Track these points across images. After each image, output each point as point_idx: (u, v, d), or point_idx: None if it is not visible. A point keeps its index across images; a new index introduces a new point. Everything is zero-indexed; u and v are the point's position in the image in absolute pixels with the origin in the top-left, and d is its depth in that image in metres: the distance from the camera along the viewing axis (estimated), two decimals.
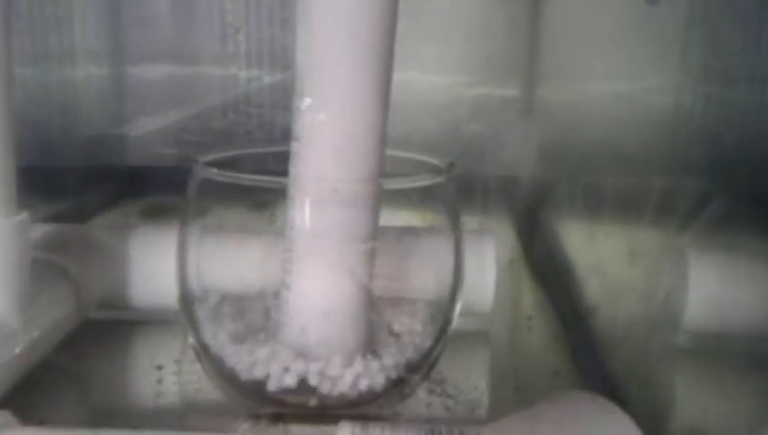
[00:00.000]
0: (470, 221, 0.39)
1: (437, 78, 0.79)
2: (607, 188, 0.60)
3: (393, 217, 0.35)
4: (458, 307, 0.37)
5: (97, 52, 0.76)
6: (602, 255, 0.54)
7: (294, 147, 0.33)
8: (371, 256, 0.34)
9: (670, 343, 0.44)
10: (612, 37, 0.62)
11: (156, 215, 0.62)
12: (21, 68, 0.69)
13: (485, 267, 0.45)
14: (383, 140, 0.33)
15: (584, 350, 0.45)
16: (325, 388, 0.34)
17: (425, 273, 0.38)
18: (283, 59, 0.76)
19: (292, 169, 0.34)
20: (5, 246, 0.34)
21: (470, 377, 0.41)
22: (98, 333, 0.44)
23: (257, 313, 0.36)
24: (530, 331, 0.48)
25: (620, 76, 0.63)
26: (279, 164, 0.35)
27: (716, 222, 0.41)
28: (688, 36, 0.58)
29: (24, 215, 0.35)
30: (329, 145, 0.32)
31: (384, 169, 0.34)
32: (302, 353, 0.34)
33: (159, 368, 0.40)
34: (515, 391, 0.40)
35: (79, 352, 0.42)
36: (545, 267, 0.57)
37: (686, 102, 0.61)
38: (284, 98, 0.74)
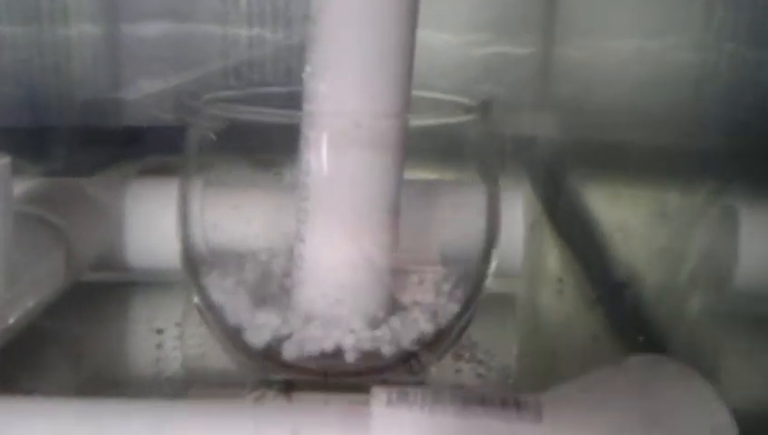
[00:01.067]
0: None
1: (449, 36, 0.76)
2: (628, 149, 0.57)
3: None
4: (491, 268, 0.33)
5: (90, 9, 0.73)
6: (628, 216, 0.51)
7: (308, 78, 0.30)
8: (398, 204, 0.30)
9: (716, 305, 0.40)
10: None
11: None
12: (11, 27, 0.67)
13: (513, 225, 0.41)
14: (411, 71, 0.30)
15: (621, 313, 0.41)
16: (345, 354, 0.30)
17: (454, 229, 0.34)
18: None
19: (306, 106, 0.30)
20: None
21: (501, 342, 0.38)
22: (91, 297, 0.41)
23: (270, 270, 0.33)
24: (561, 294, 0.44)
25: (641, 33, 0.61)
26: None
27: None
28: None
29: (4, 159, 0.31)
30: (349, 74, 0.29)
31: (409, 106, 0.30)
32: (318, 315, 0.31)
33: (159, 332, 0.37)
34: (552, 357, 0.37)
35: (70, 316, 0.39)
36: (571, 229, 0.54)
37: (710, 60, 0.60)
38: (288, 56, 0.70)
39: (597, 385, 0.24)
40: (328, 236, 0.31)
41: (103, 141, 0.69)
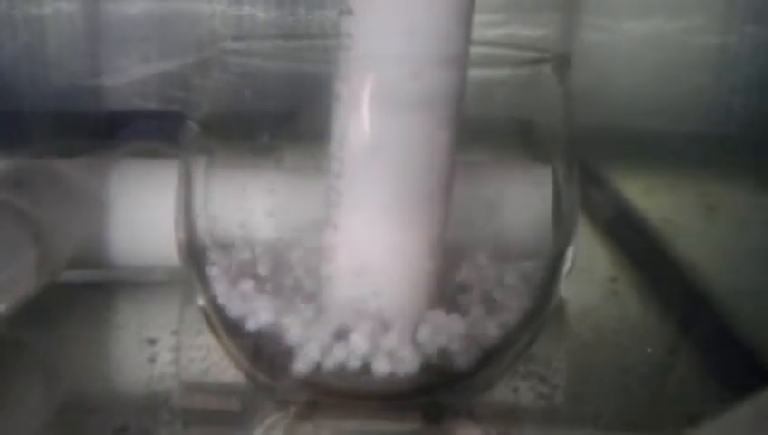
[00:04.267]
0: None
1: None
2: (649, 134, 0.58)
3: None
4: (566, 267, 0.28)
5: None
6: (668, 208, 0.49)
7: (347, 24, 0.24)
8: (452, 181, 0.25)
9: None
10: None
11: None
12: None
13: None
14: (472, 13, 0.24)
15: (692, 317, 0.35)
16: (383, 367, 0.24)
17: (519, 218, 0.28)
18: None
19: (343, 58, 0.24)
20: None
21: (558, 354, 0.32)
22: (69, 300, 0.36)
23: (292, 264, 0.27)
24: (616, 295, 0.38)
25: (661, 14, 0.62)
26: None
27: None
28: None
29: None
30: (399, 14, 0.23)
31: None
32: (354, 319, 0.25)
33: (152, 342, 0.32)
34: (624, 374, 0.31)
35: (43, 324, 0.33)
36: (613, 223, 0.48)
37: (731, 43, 0.60)
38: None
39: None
40: (368, 221, 0.25)
41: (81, 128, 0.64)
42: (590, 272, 0.41)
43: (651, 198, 0.52)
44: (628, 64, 0.62)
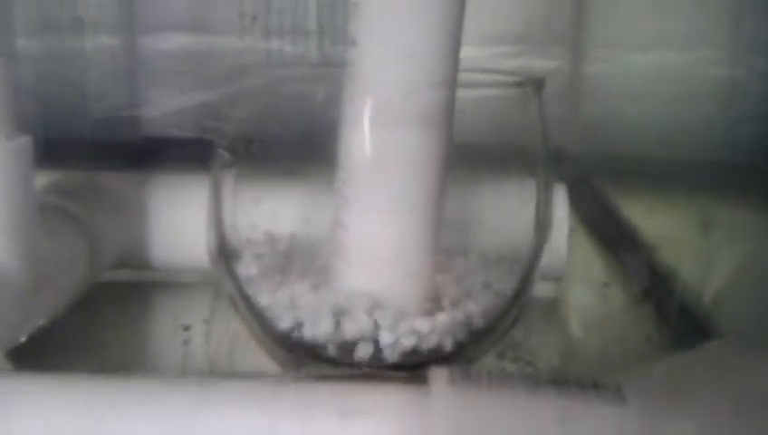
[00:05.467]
0: None
1: (473, 49, 0.74)
2: (658, 163, 0.59)
3: None
4: (540, 263, 0.31)
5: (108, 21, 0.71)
6: (665, 228, 0.51)
7: (351, 54, 0.28)
8: (445, 186, 0.28)
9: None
10: (662, 5, 0.61)
11: None
12: (27, 39, 0.67)
13: (558, 224, 0.39)
14: (459, 43, 0.28)
15: (674, 317, 0.39)
16: (386, 346, 0.28)
17: (502, 219, 0.32)
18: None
19: (348, 82, 0.28)
20: (4, 173, 0.28)
21: (547, 343, 0.35)
22: (113, 296, 0.39)
23: (309, 260, 0.31)
24: (606, 297, 0.42)
25: (670, 47, 0.63)
26: None
27: None
28: (742, 4, 0.60)
29: (25, 138, 0.29)
30: (396, 40, 0.27)
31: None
32: (360, 308, 0.28)
33: (186, 328, 0.35)
34: (603, 357, 0.34)
35: (92, 314, 0.37)
36: (611, 237, 0.51)
37: (740, 75, 0.61)
38: None
39: (678, 369, 0.22)
40: (372, 222, 0.29)
41: (119, 155, 0.66)
42: (586, 277, 0.45)
43: (652, 218, 0.53)
44: (638, 94, 0.63)
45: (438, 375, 0.21)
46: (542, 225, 0.31)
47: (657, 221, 0.52)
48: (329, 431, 0.20)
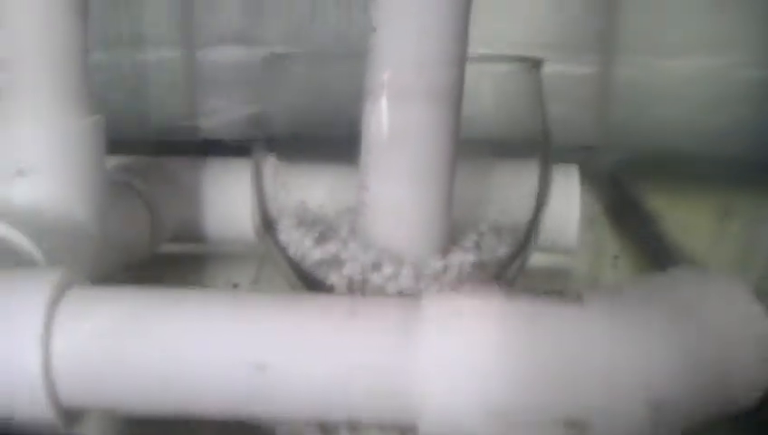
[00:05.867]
0: None
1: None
2: (688, 163, 0.60)
3: None
4: (540, 228, 0.35)
5: (168, 35, 0.76)
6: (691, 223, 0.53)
7: (372, 39, 0.32)
8: (455, 155, 0.32)
9: None
10: (694, 10, 0.62)
11: None
12: (96, 52, 0.71)
13: (569, 200, 0.43)
14: (468, 24, 0.31)
15: None
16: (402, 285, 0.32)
17: (504, 188, 0.36)
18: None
19: (369, 64, 0.32)
20: (82, 147, 0.33)
21: None
22: (171, 264, 0.43)
23: (339, 225, 0.35)
24: (615, 268, 0.45)
25: (703, 51, 0.63)
26: None
27: None
28: None
29: (98, 117, 0.34)
30: (409, 27, 0.31)
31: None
32: (380, 255, 0.33)
33: (235, 286, 0.39)
34: None
35: (152, 281, 0.40)
36: (632, 226, 0.55)
37: None
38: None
39: (637, 283, 0.26)
40: (389, 185, 0.33)
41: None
42: (597, 253, 0.48)
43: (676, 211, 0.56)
44: (670, 99, 0.65)
45: (429, 288, 0.26)
46: (541, 193, 0.35)
47: (682, 214, 0.55)
48: (337, 326, 0.25)
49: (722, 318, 0.25)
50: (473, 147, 0.34)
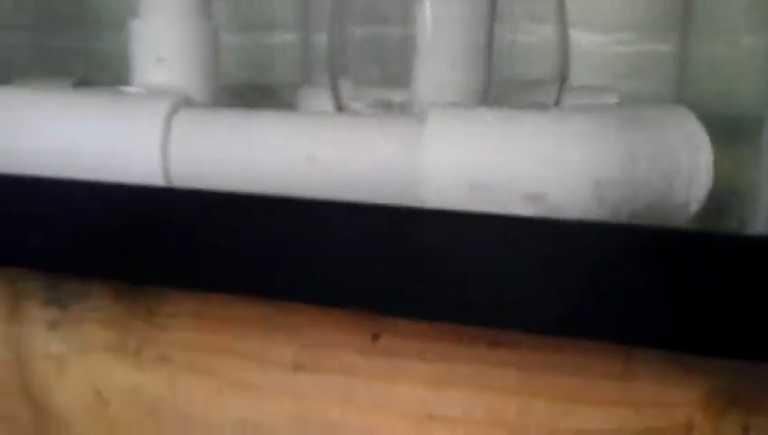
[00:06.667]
0: None
1: (600, 36, 0.82)
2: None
3: None
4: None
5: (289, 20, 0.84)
6: None
7: None
8: (492, 45, 0.41)
9: None
10: None
11: None
12: (230, 35, 0.78)
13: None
14: None
15: None
16: None
17: None
18: None
19: None
20: (204, 44, 0.43)
21: None
22: None
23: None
24: None
25: None
26: None
27: None
28: None
29: (214, 20, 0.44)
30: None
31: None
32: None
33: None
34: None
35: None
36: None
37: None
38: None
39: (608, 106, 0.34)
40: (433, 72, 0.41)
41: None
42: None
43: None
44: (744, 77, 0.68)
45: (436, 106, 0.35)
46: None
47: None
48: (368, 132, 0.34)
49: (670, 134, 0.33)
50: None
